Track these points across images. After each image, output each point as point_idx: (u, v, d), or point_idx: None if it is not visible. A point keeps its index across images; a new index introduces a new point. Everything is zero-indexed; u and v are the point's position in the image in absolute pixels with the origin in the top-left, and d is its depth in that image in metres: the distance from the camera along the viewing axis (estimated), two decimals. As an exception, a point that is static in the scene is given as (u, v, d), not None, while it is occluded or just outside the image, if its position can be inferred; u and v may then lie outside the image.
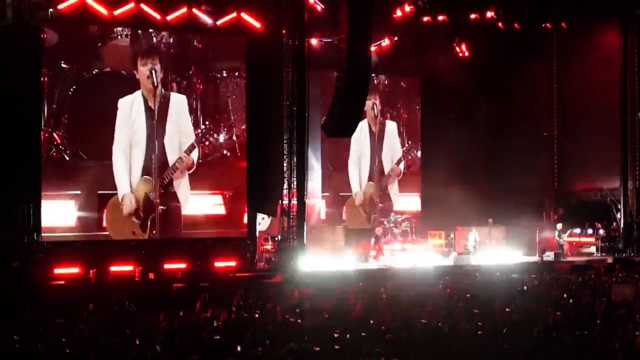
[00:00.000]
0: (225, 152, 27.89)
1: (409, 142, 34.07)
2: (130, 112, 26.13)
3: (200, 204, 27.22)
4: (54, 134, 25.32)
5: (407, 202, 33.43)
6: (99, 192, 25.80)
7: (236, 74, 27.98)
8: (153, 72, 26.31)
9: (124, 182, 26.04)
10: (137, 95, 26.28)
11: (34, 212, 23.97)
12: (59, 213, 24.99)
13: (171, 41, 26.98)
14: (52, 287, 22.50)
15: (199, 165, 27.10)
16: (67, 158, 25.50)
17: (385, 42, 31.93)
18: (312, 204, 29.70)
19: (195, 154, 27.03)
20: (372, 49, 27.53)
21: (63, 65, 25.58)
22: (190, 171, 26.91)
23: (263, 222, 28.14)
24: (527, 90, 33.01)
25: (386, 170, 33.43)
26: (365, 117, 31.83)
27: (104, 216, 25.75)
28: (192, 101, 27.28)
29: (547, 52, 34.36)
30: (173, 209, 26.67)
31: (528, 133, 33.55)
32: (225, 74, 27.99)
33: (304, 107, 26.59)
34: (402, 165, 33.86)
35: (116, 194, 25.89)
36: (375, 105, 32.96)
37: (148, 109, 26.34)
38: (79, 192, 25.53)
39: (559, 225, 30.57)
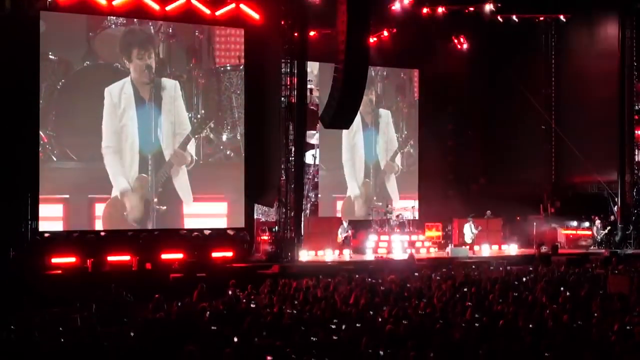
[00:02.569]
0: (228, 152, 27.07)
1: (406, 134, 33.81)
2: (120, 101, 25.04)
3: (203, 210, 26.64)
4: (41, 132, 24.07)
5: (405, 196, 33.12)
6: (89, 195, 24.90)
7: (240, 67, 27.02)
8: (149, 65, 25.60)
9: (118, 181, 25.09)
10: (126, 83, 25.16)
11: (32, 201, 23.88)
12: (46, 218, 24.11)
13: (170, 31, 26.08)
14: (49, 277, 22.48)
15: (200, 166, 26.53)
16: (55, 159, 24.47)
17: (384, 34, 31.94)
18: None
19: (192, 147, 26.54)
20: (371, 40, 27.50)
21: (51, 57, 24.31)
22: (189, 167, 26.34)
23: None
24: (525, 82, 33.01)
25: (382, 163, 33.11)
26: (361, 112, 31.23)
27: (101, 220, 24.99)
28: (192, 97, 26.36)
29: (545, 44, 34.43)
30: (174, 207, 26.18)
31: (526, 126, 33.67)
32: (229, 68, 27.05)
33: (303, 99, 26.64)
34: (398, 160, 33.45)
35: (109, 197, 25.03)
36: (371, 101, 32.68)
37: (139, 99, 25.40)
38: (67, 195, 24.65)
39: (598, 221, 30.71)
